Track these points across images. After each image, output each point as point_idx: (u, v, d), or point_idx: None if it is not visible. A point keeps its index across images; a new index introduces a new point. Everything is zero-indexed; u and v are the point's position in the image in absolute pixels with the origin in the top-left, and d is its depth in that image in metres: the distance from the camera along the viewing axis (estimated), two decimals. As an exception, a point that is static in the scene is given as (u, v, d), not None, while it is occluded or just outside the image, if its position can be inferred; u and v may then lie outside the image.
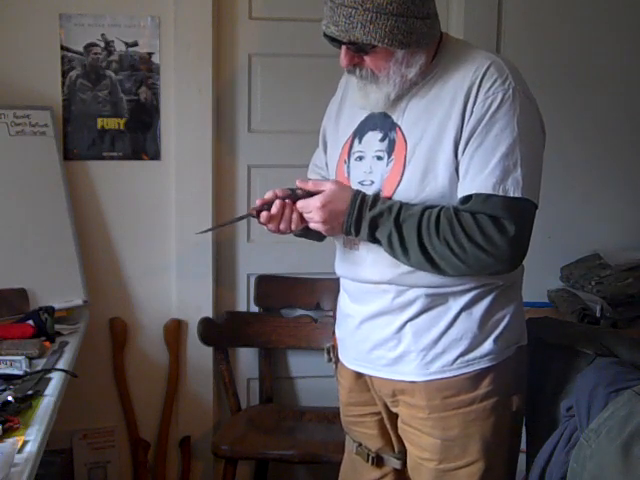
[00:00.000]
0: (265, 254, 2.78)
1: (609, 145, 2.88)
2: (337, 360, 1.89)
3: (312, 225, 1.64)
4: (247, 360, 2.82)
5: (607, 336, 1.98)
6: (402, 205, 1.57)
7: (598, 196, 2.89)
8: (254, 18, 2.69)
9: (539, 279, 2.77)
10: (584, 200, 2.88)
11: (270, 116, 2.74)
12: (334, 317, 1.92)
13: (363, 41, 1.51)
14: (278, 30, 2.71)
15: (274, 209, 1.62)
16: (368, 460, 1.84)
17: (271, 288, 2.78)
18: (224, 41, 2.68)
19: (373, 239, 1.60)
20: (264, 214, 1.63)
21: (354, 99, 1.68)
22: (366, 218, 1.58)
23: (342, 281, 1.81)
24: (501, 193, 1.52)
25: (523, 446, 2.15)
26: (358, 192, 1.61)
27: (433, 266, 1.57)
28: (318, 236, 1.79)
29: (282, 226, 1.64)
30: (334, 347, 1.90)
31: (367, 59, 1.57)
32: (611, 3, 2.82)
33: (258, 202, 1.65)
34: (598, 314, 2.55)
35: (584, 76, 2.83)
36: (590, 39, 2.82)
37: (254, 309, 2.80)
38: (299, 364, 2.85)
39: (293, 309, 2.81)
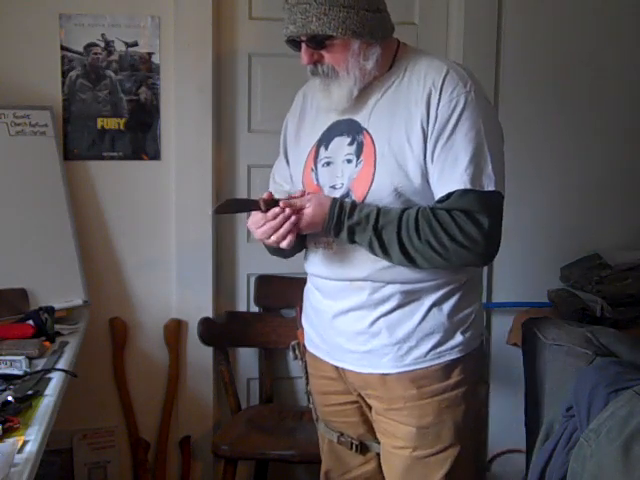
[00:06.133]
0: (265, 254, 2.74)
1: (609, 145, 2.87)
2: (303, 357, 1.94)
3: (305, 218, 1.65)
4: (247, 360, 2.83)
5: (607, 336, 1.98)
6: (380, 211, 1.63)
7: (598, 196, 2.89)
8: (254, 18, 2.70)
9: (539, 279, 2.78)
10: (584, 200, 2.88)
11: (270, 116, 2.74)
12: (300, 312, 1.95)
13: (319, 32, 1.60)
14: (278, 30, 2.69)
15: (278, 216, 1.63)
16: (352, 448, 1.89)
17: (271, 288, 2.78)
18: (224, 41, 2.68)
19: (353, 242, 1.67)
20: (261, 216, 1.65)
21: (318, 102, 1.75)
22: (344, 226, 1.64)
23: (312, 278, 1.85)
24: (478, 188, 1.61)
25: (523, 446, 2.16)
26: (336, 200, 1.66)
27: (415, 265, 1.65)
28: (284, 253, 1.84)
29: (274, 238, 1.67)
30: (299, 344, 1.95)
31: (326, 55, 1.65)
32: (611, 3, 2.82)
33: (266, 195, 1.68)
34: (598, 314, 2.54)
35: (584, 76, 2.83)
36: (590, 39, 2.82)
37: (254, 309, 2.80)
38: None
39: (293, 309, 2.81)
